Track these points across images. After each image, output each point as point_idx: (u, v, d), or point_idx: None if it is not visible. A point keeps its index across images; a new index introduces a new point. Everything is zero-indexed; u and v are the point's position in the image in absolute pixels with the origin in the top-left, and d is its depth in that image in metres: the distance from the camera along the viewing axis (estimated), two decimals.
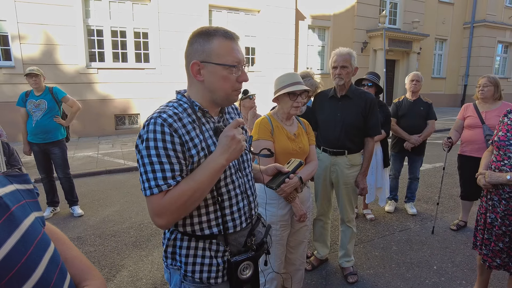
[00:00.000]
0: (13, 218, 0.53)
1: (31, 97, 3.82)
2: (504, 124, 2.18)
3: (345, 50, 2.47)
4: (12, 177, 0.61)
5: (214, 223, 1.15)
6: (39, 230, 0.60)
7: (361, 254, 3.11)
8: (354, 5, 13.16)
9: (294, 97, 1.93)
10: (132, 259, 3.03)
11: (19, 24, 7.64)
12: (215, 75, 1.10)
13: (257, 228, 1.28)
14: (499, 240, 2.09)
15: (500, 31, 16.86)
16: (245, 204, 1.22)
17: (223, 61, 1.08)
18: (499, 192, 2.09)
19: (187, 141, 1.06)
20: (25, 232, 0.55)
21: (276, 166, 1.32)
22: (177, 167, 1.03)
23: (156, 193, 1.00)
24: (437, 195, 4.60)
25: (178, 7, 9.25)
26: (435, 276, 2.75)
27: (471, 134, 3.32)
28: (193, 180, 1.02)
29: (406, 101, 3.99)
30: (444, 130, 10.29)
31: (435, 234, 3.51)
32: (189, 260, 1.16)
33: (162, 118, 1.04)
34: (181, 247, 1.16)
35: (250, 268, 1.18)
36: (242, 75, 1.13)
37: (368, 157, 2.59)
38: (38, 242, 0.58)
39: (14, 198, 0.57)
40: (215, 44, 1.08)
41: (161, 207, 1.01)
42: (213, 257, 1.16)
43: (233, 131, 1.04)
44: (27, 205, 0.60)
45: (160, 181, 1.00)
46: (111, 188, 5.01)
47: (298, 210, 2.01)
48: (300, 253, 2.23)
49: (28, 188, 0.64)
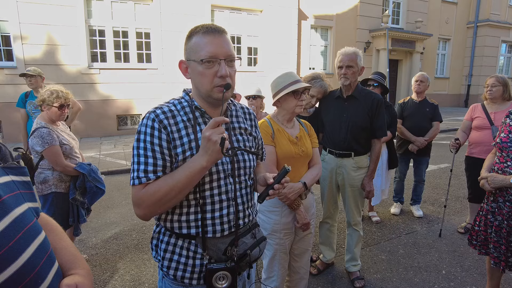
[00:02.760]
0: (3, 205, 0.59)
1: (30, 98, 3.79)
2: (506, 125, 2.14)
3: (351, 50, 2.42)
4: (9, 169, 0.66)
5: (193, 224, 1.13)
6: (30, 219, 0.65)
7: (367, 258, 3.05)
8: (357, 4, 13.08)
9: (298, 95, 1.87)
10: (134, 262, 2.98)
11: (21, 25, 7.61)
12: (194, 71, 1.11)
13: (243, 238, 1.20)
14: (507, 241, 2.07)
15: (504, 31, 16.73)
16: (230, 211, 1.17)
17: (197, 57, 1.08)
18: (503, 194, 2.05)
19: (174, 138, 1.07)
20: (15, 219, 0.60)
21: (265, 176, 1.21)
22: (160, 163, 1.06)
23: (137, 184, 1.05)
24: (443, 197, 4.53)
25: (180, 7, 9.21)
26: (444, 281, 2.68)
27: (480, 136, 3.25)
28: (171, 178, 1.04)
29: (411, 102, 3.93)
30: (448, 131, 10.20)
31: (442, 237, 3.44)
32: (166, 255, 1.17)
33: (155, 114, 1.08)
34: (162, 241, 1.18)
35: (227, 279, 1.12)
36: (219, 70, 1.07)
37: (375, 159, 2.53)
38: (28, 229, 0.63)
39: (7, 188, 0.62)
40: (193, 41, 1.10)
41: (138, 198, 1.05)
42: (190, 257, 1.15)
43: (209, 131, 0.98)
44: (21, 195, 0.65)
45: (141, 173, 1.05)
46: (113, 190, 4.96)
47: (302, 218, 1.93)
48: (304, 262, 2.15)
49: (24, 180, 0.68)
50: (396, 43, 13.61)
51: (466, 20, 16.69)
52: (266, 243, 1.29)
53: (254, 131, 1.32)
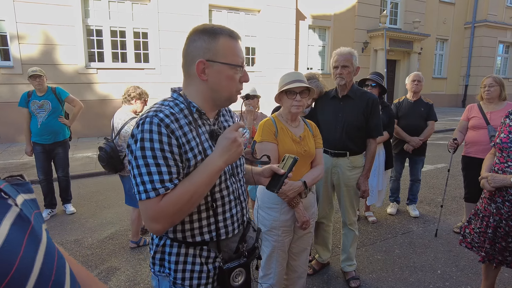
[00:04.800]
0: (34, 232, 0.49)
1: (33, 97, 3.78)
2: (506, 125, 2.15)
3: (346, 50, 2.42)
4: (17, 186, 0.57)
5: (206, 230, 1.11)
6: (53, 244, 0.57)
7: (363, 258, 3.05)
8: (355, 5, 13.10)
9: (292, 95, 1.87)
10: (130, 262, 2.97)
11: (18, 24, 7.58)
12: (221, 74, 1.06)
13: (248, 233, 1.25)
14: (503, 240, 2.08)
15: (501, 31, 16.79)
16: (238, 210, 1.19)
17: (230, 61, 1.06)
18: (502, 194, 2.05)
19: (183, 143, 1.01)
20: (47, 245, 0.52)
21: (272, 167, 1.26)
22: (175, 170, 0.99)
23: (153, 197, 0.95)
24: (439, 196, 4.54)
25: (178, 7, 9.19)
26: (439, 281, 2.69)
27: (476, 135, 3.26)
28: (190, 183, 0.98)
29: (406, 101, 3.94)
30: (445, 131, 10.23)
31: (438, 237, 3.44)
32: (178, 267, 1.11)
33: (159, 118, 0.98)
34: (171, 253, 1.12)
35: (242, 274, 1.14)
36: (244, 76, 1.12)
37: (370, 158, 2.53)
38: (58, 254, 0.55)
39: (27, 209, 0.52)
40: (221, 43, 1.05)
41: (157, 212, 0.96)
42: (203, 263, 1.12)
43: (235, 134, 1.01)
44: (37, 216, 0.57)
45: (158, 184, 0.95)
46: (109, 190, 4.95)
47: (301, 216, 1.93)
48: (302, 261, 2.16)
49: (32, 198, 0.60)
50: (393, 43, 13.64)
51: (463, 20, 16.74)
52: (262, 233, 1.36)
53: None
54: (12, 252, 0.42)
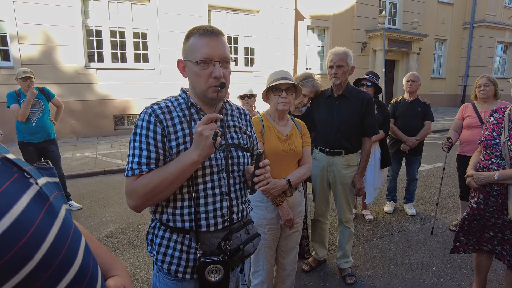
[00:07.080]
0: (52, 208, 0.55)
1: (24, 97, 3.82)
2: (490, 123, 2.22)
3: (341, 50, 2.46)
4: (42, 170, 0.64)
5: (187, 218, 1.16)
6: (71, 221, 0.63)
7: (359, 255, 3.09)
8: (354, 5, 13.14)
9: (278, 92, 1.89)
10: (129, 260, 3.01)
11: (17, 24, 7.61)
12: (191, 71, 1.16)
13: (237, 233, 1.23)
14: (490, 230, 2.17)
15: (499, 32, 16.84)
16: (224, 205, 1.20)
17: (193, 58, 1.13)
18: (485, 190, 2.13)
19: (169, 132, 1.12)
20: (63, 221, 0.57)
21: (247, 168, 1.26)
22: (154, 155, 1.10)
23: (130, 175, 1.09)
24: (436, 195, 4.58)
25: (177, 7, 9.23)
26: (434, 277, 2.73)
27: (470, 134, 3.30)
28: (163, 170, 1.08)
29: (403, 101, 3.97)
30: (444, 131, 10.27)
31: (434, 235, 3.48)
32: (161, 250, 1.19)
33: (152, 109, 1.13)
34: (157, 235, 1.21)
35: (220, 272, 1.14)
36: (214, 71, 1.13)
37: (365, 157, 2.57)
38: (74, 231, 0.60)
39: (48, 189, 0.59)
40: (191, 42, 1.15)
41: (130, 189, 1.09)
42: (184, 251, 1.17)
43: (201, 127, 1.03)
44: (58, 197, 0.64)
45: (135, 165, 1.09)
46: (109, 189, 4.99)
47: (285, 214, 1.95)
48: (291, 259, 2.18)
49: (56, 181, 0.67)
50: (392, 43, 13.68)
51: (462, 20, 16.79)
52: (259, 239, 1.31)
53: (249, 131, 1.36)
54: (28, 222, 0.48)
